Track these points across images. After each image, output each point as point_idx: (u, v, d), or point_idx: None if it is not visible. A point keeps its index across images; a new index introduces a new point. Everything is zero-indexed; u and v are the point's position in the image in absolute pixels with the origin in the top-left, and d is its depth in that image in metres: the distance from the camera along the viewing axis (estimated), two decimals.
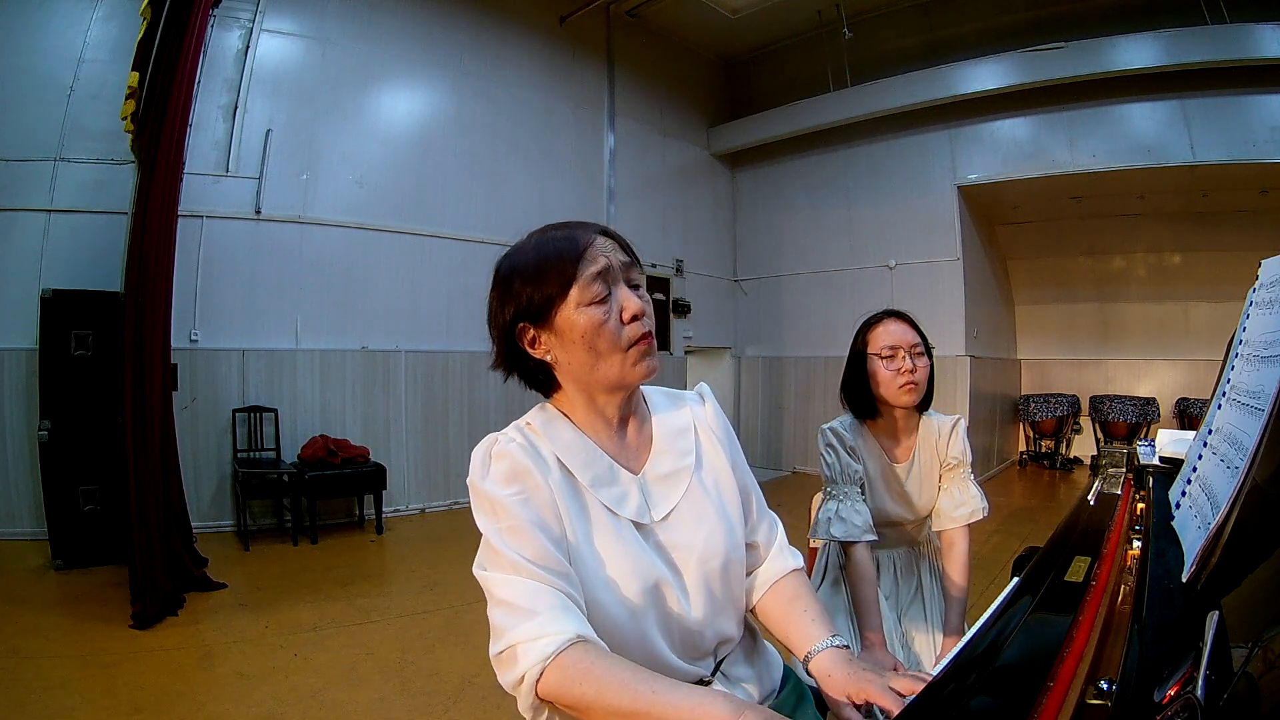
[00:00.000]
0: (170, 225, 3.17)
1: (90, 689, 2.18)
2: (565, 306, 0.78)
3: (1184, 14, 4.81)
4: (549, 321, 0.79)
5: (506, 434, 0.81)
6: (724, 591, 0.84)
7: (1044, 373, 7.13)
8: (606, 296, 0.79)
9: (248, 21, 4.31)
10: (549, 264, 0.79)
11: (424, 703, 2.19)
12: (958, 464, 1.51)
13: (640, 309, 0.80)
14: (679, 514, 0.84)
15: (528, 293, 0.79)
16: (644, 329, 0.80)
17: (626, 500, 0.82)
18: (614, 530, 0.79)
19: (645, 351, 0.80)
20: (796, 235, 6.95)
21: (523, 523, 0.73)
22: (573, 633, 0.67)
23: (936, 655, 1.43)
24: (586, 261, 0.79)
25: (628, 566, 0.77)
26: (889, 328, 1.45)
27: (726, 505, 0.88)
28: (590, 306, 0.78)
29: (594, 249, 0.80)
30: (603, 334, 0.78)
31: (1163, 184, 5.48)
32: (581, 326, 0.78)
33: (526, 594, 0.69)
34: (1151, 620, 0.65)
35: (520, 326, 0.81)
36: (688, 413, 0.93)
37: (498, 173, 5.43)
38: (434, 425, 5.01)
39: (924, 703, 0.59)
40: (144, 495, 2.88)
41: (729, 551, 0.84)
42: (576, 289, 0.78)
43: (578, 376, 0.81)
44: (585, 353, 0.78)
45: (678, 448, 0.88)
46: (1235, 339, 0.95)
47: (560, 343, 0.79)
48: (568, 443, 0.82)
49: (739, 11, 6.34)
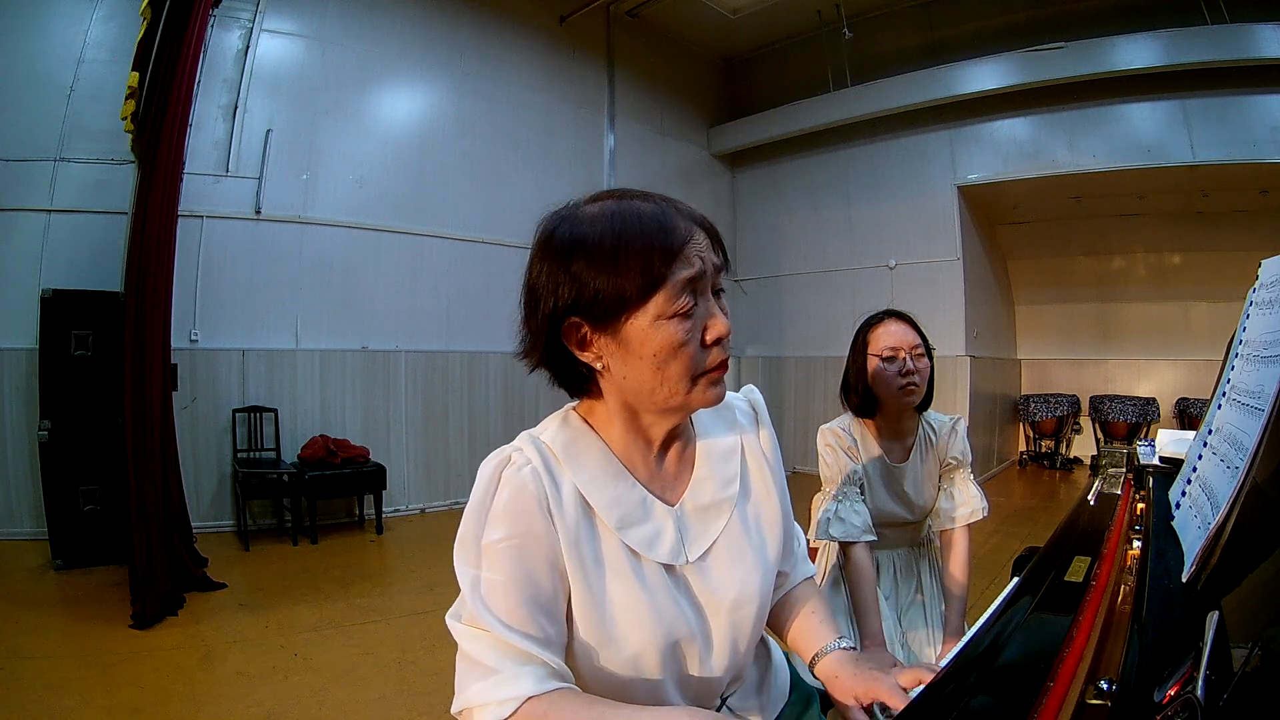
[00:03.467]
0: (170, 225, 3.16)
1: (90, 689, 2.18)
2: (641, 314, 0.62)
3: (1184, 14, 4.81)
4: (613, 326, 0.63)
5: (521, 454, 0.67)
6: (749, 640, 0.75)
7: (1044, 373, 7.13)
8: (692, 309, 0.63)
9: (248, 21, 4.31)
10: (632, 252, 0.61)
11: (424, 703, 2.19)
12: (958, 464, 1.51)
13: (727, 330, 0.65)
14: (715, 553, 0.72)
15: (595, 283, 0.62)
16: (724, 354, 0.66)
17: (659, 540, 0.70)
18: (637, 578, 0.67)
19: (717, 379, 0.67)
20: (796, 235, 6.95)
21: (506, 579, 0.63)
22: (524, 694, 0.60)
23: (937, 655, 1.43)
24: (681, 263, 0.62)
25: (648, 618, 0.67)
26: (890, 328, 1.44)
27: (767, 543, 0.77)
28: (672, 320, 0.62)
29: (691, 246, 0.63)
30: (679, 356, 0.63)
31: (1163, 184, 5.48)
32: (656, 343, 0.62)
33: (488, 650, 0.62)
34: (1151, 620, 0.65)
35: (572, 320, 0.64)
36: (734, 431, 0.80)
37: (498, 173, 5.43)
38: (434, 425, 5.00)
39: (924, 702, 0.59)
40: (144, 495, 2.88)
41: (763, 597, 0.75)
42: (662, 296, 0.62)
43: (631, 394, 0.67)
44: (651, 373, 0.64)
45: (722, 474, 0.76)
46: (1235, 339, 0.95)
47: (621, 353, 0.64)
48: (594, 473, 0.69)
49: (739, 11, 6.34)
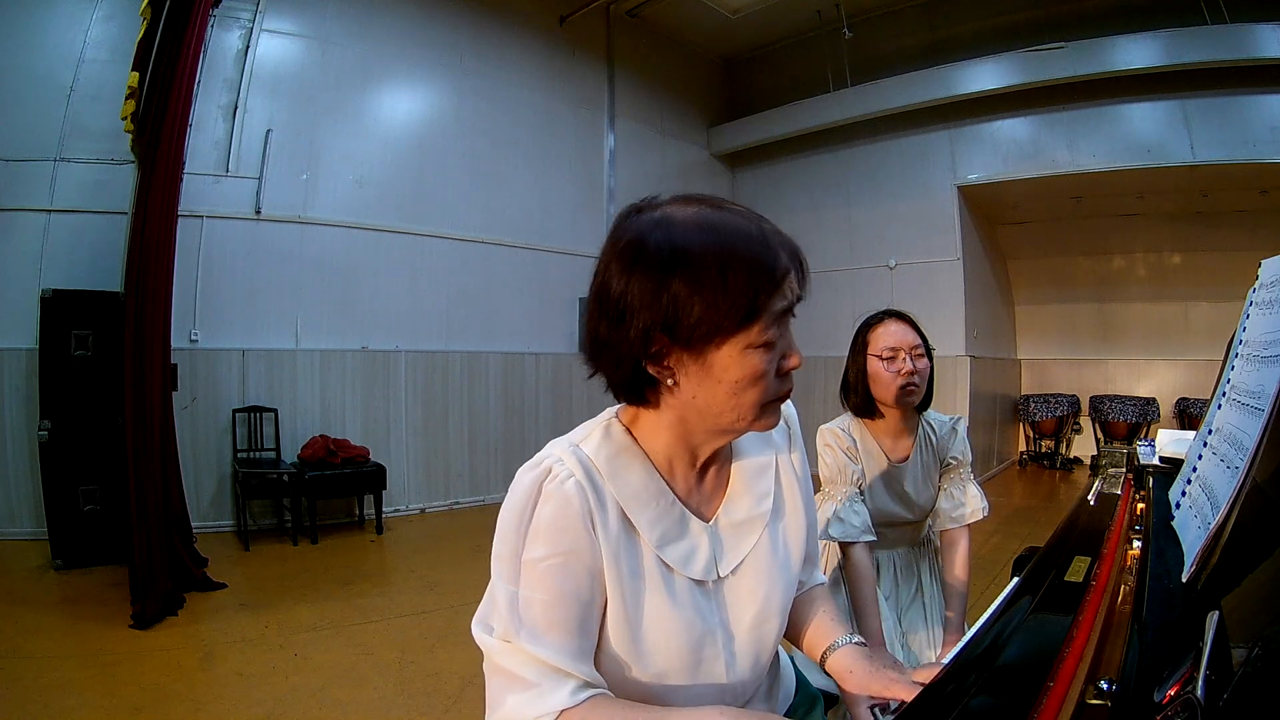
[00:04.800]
0: (170, 225, 3.17)
1: (90, 689, 2.18)
2: (732, 343, 0.61)
3: (1184, 14, 4.81)
4: (699, 349, 0.62)
5: (563, 465, 0.65)
6: (770, 653, 0.76)
7: (1044, 373, 7.13)
8: (776, 341, 0.63)
9: (248, 21, 4.31)
10: (737, 278, 0.60)
11: (424, 703, 2.19)
12: (957, 464, 1.51)
13: (801, 362, 0.66)
14: (744, 569, 0.73)
15: (695, 307, 0.60)
16: (792, 384, 0.67)
17: (694, 557, 0.70)
18: (670, 594, 0.68)
19: (778, 407, 0.67)
20: (796, 235, 6.48)
21: (547, 598, 0.63)
22: (557, 709, 0.61)
23: (937, 655, 1.43)
24: (779, 296, 0.62)
25: (679, 629, 0.68)
26: (890, 329, 1.44)
27: (792, 560, 0.78)
28: (759, 350, 0.62)
29: (788, 281, 0.63)
30: (758, 385, 0.63)
31: (1163, 184, 5.48)
32: (739, 371, 0.62)
33: (524, 664, 0.63)
34: (1151, 620, 0.65)
35: (655, 335, 0.61)
36: (770, 449, 0.80)
37: (498, 173, 5.43)
38: (434, 425, 5.00)
39: (925, 702, 0.59)
40: (144, 495, 2.88)
41: (784, 611, 0.76)
42: (757, 328, 0.61)
43: (695, 413, 0.66)
44: (725, 398, 0.63)
45: (756, 490, 0.76)
46: (1235, 339, 0.95)
47: (700, 375, 0.63)
48: (637, 489, 0.68)
49: (739, 11, 6.34)
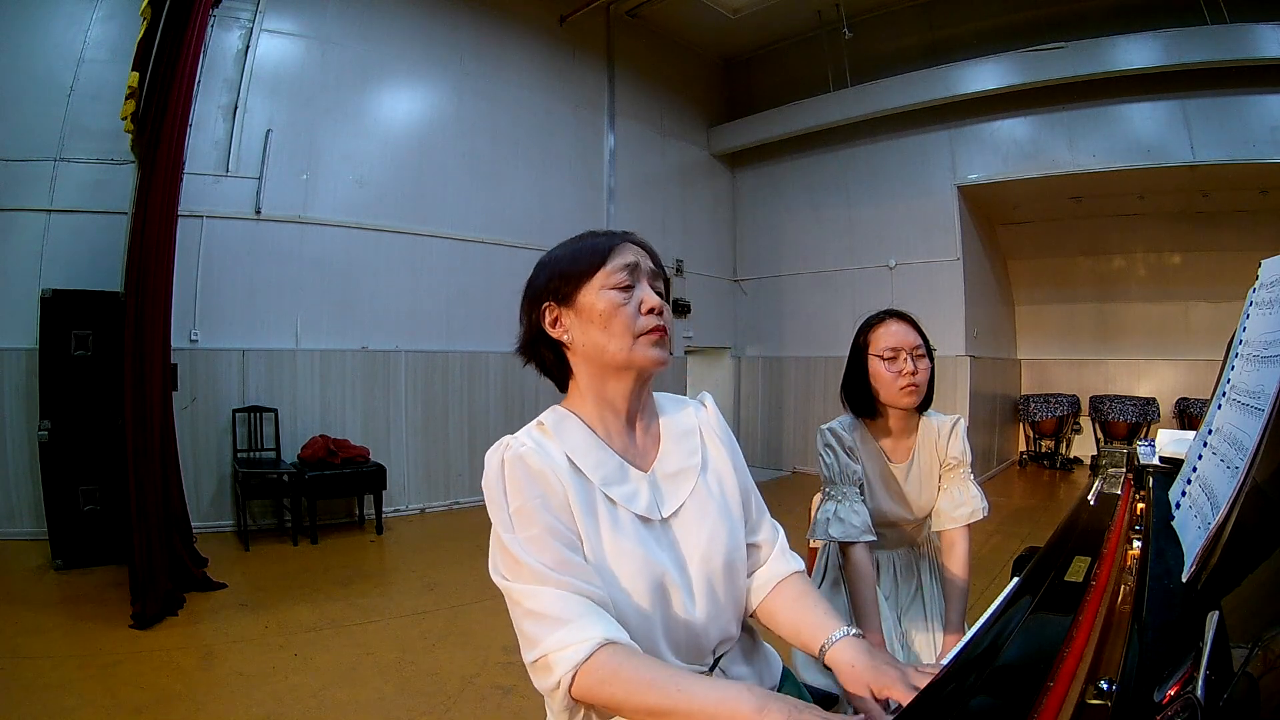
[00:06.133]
0: (170, 225, 3.16)
1: (90, 689, 2.18)
2: (589, 288, 0.83)
3: (1184, 14, 4.81)
4: (571, 300, 0.84)
5: (518, 438, 0.82)
6: (726, 591, 0.86)
7: (1044, 373, 7.13)
8: (630, 287, 0.83)
9: (248, 21, 4.31)
10: (582, 253, 0.85)
11: (424, 703, 2.19)
12: (957, 464, 1.51)
13: (659, 305, 0.85)
14: (685, 511, 0.86)
15: (558, 277, 0.85)
16: (658, 322, 0.84)
17: (637, 497, 0.84)
18: (622, 528, 0.81)
19: (656, 340, 0.84)
20: (796, 235, 6.95)
21: (543, 530, 0.75)
22: (600, 637, 0.70)
23: (937, 655, 1.43)
24: (617, 253, 0.85)
25: (636, 565, 0.79)
26: (890, 329, 1.44)
27: (730, 506, 0.90)
28: (612, 290, 0.82)
29: (626, 246, 0.86)
30: (619, 316, 0.82)
31: (1163, 184, 5.49)
32: (600, 307, 0.82)
33: (554, 603, 0.72)
34: (1151, 620, 0.65)
35: (546, 306, 0.86)
36: (692, 416, 0.95)
37: (498, 173, 5.43)
38: (434, 425, 5.01)
39: (924, 702, 0.59)
40: (144, 495, 2.88)
41: (731, 551, 0.86)
42: (603, 272, 0.83)
43: (590, 357, 0.85)
44: (599, 332, 0.82)
45: (684, 447, 0.91)
46: (1235, 339, 0.95)
47: (578, 321, 0.84)
48: (578, 442, 0.84)
49: (739, 11, 6.34)
